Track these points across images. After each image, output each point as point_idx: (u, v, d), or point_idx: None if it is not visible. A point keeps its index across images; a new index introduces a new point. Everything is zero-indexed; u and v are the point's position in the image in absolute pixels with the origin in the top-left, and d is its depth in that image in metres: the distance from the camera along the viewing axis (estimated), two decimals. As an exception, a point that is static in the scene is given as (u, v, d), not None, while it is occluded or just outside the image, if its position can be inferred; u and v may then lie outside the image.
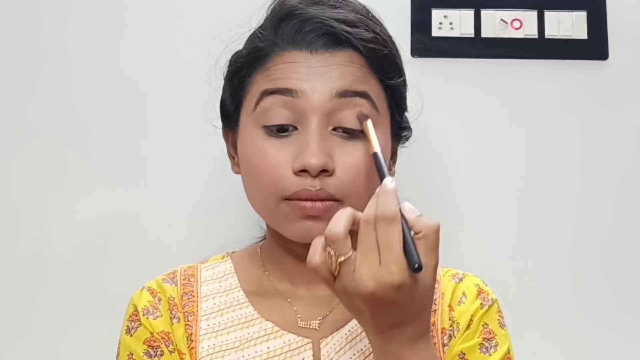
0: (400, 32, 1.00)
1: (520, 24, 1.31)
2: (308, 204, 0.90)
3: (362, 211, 0.81)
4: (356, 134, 0.92)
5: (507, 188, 1.30)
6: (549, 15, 1.31)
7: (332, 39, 0.93)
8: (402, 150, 1.05)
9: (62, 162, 1.29)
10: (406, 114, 1.03)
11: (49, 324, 1.26)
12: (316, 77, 0.92)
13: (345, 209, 0.81)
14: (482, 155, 1.31)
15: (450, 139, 1.30)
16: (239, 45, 1.00)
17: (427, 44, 1.31)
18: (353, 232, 0.80)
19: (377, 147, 0.87)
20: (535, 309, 1.28)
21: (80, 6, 1.32)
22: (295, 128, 0.92)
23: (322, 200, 0.90)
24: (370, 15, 0.98)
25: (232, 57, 1.00)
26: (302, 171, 0.89)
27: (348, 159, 0.91)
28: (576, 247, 1.29)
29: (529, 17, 1.31)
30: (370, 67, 0.95)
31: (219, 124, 1.03)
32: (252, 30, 0.99)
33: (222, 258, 1.05)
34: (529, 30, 1.31)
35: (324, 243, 0.80)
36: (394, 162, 1.04)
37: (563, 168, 1.30)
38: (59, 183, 1.29)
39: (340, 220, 0.79)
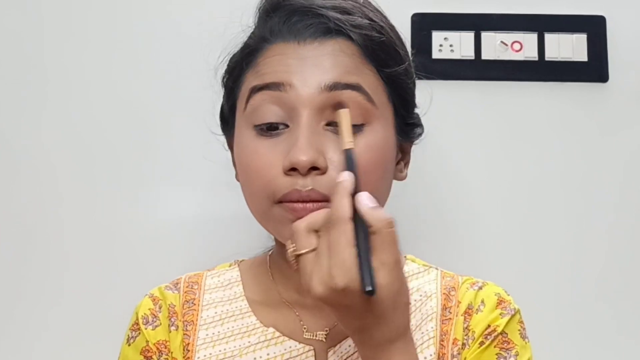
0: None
1: (521, 46, 1.32)
2: (299, 205, 0.85)
3: None
4: (352, 129, 0.85)
5: (508, 210, 1.30)
6: (549, 37, 1.32)
7: (322, 27, 0.90)
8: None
9: (73, 171, 1.31)
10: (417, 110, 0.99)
11: (60, 335, 1.27)
12: (305, 69, 0.88)
13: (320, 210, 0.79)
14: (483, 177, 1.31)
15: (450, 161, 1.30)
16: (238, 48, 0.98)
17: (427, 66, 1.31)
18: None
19: (349, 144, 0.81)
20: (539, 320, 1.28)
21: (80, 14, 1.34)
22: (287, 126, 0.88)
23: (313, 201, 0.85)
24: (364, 1, 0.94)
25: (229, 60, 0.98)
26: (292, 169, 0.85)
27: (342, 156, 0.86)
28: (577, 269, 1.29)
29: (529, 40, 1.32)
30: (364, 56, 0.90)
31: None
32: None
33: (230, 266, 1.03)
34: (529, 52, 1.32)
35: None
36: (406, 164, 0.99)
37: (563, 190, 1.30)
38: (70, 188, 1.30)
39: (307, 217, 0.79)
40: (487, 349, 0.91)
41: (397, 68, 0.92)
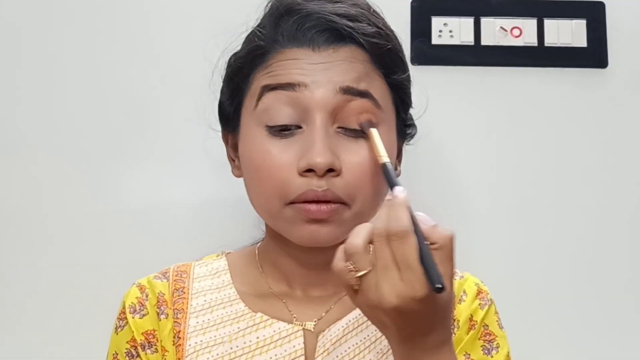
0: (400, 39, 1.00)
1: (520, 32, 1.32)
2: (313, 206, 0.87)
3: (371, 214, 0.82)
4: (361, 134, 0.90)
5: (506, 195, 1.31)
6: (548, 23, 1.32)
7: (335, 34, 0.91)
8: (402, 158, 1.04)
9: (62, 162, 1.30)
10: (410, 111, 1.02)
11: (44, 325, 1.27)
12: (320, 72, 0.90)
13: (365, 224, 0.79)
14: (482, 162, 1.31)
15: (450, 147, 1.31)
16: (237, 46, 0.99)
17: (427, 52, 1.31)
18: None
19: (385, 158, 0.86)
20: (538, 310, 1.29)
21: (84, 11, 1.33)
22: (299, 127, 0.90)
23: (328, 202, 0.87)
24: (371, 9, 0.96)
25: (231, 58, 0.99)
26: (308, 171, 0.87)
27: (354, 159, 0.89)
28: (568, 252, 1.29)
29: (529, 25, 1.32)
30: (374, 63, 0.93)
31: (218, 126, 1.02)
32: (250, 30, 0.98)
33: (217, 256, 1.05)
34: (529, 38, 1.32)
35: None
36: (400, 161, 1.02)
37: (562, 175, 1.31)
38: (58, 181, 1.30)
39: (360, 234, 0.78)
40: (473, 342, 0.95)
41: (403, 75, 0.96)
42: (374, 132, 0.88)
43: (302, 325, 0.94)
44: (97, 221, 1.29)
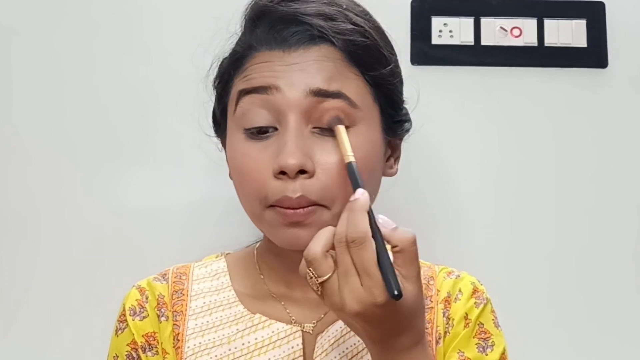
0: (400, 40, 1.00)
1: (520, 32, 1.32)
2: (290, 211, 0.87)
3: None
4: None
5: (507, 195, 1.30)
6: (548, 23, 1.32)
7: (306, 35, 0.91)
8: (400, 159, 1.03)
9: (59, 163, 1.30)
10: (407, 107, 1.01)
11: (40, 326, 1.27)
12: (292, 74, 0.89)
13: (326, 228, 0.81)
14: (482, 163, 1.31)
15: (449, 147, 1.30)
16: (228, 51, 1.00)
17: (427, 52, 1.31)
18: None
19: (351, 157, 0.85)
20: (540, 308, 1.29)
21: (83, 12, 1.33)
22: (276, 129, 0.90)
23: (303, 207, 0.87)
24: (347, 6, 0.95)
25: (219, 65, 1.00)
26: (282, 173, 0.87)
27: (329, 159, 0.88)
28: (568, 251, 1.29)
29: (529, 25, 1.32)
30: (348, 61, 0.91)
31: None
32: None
33: (216, 257, 1.05)
34: (529, 38, 1.32)
35: None
36: (397, 159, 1.01)
37: (562, 175, 1.30)
38: (55, 182, 1.30)
39: (319, 240, 0.80)
40: (467, 340, 0.96)
41: (383, 70, 0.94)
42: (341, 129, 0.88)
43: (300, 326, 0.94)
44: (95, 222, 1.29)
